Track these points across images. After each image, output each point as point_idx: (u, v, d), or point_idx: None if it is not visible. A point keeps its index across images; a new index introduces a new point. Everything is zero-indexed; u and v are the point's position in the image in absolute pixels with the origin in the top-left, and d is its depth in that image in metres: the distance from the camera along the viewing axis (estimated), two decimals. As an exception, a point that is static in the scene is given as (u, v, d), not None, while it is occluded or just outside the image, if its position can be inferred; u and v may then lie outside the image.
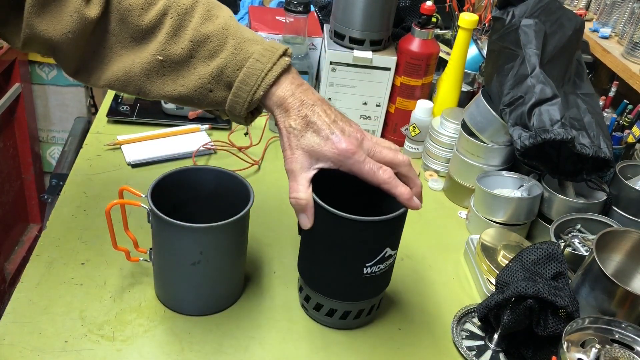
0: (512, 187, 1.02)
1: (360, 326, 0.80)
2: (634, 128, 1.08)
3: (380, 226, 0.70)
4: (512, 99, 0.93)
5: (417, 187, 0.71)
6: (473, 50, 1.25)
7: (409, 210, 0.71)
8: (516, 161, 1.04)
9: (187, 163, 1.08)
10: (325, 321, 0.79)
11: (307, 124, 0.68)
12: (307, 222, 0.70)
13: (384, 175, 0.68)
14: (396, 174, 0.69)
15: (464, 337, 0.81)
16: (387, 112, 1.21)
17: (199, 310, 0.78)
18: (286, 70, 0.70)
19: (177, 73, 0.70)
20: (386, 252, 0.72)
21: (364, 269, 0.72)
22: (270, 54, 0.69)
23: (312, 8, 1.30)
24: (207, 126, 1.16)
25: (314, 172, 0.69)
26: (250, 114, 0.74)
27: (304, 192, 0.69)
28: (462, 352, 0.78)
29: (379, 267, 0.73)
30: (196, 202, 0.79)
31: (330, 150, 0.67)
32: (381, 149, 0.69)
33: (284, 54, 0.70)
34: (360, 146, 0.68)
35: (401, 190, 0.69)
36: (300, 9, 1.09)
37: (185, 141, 1.12)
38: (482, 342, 0.80)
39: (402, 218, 0.72)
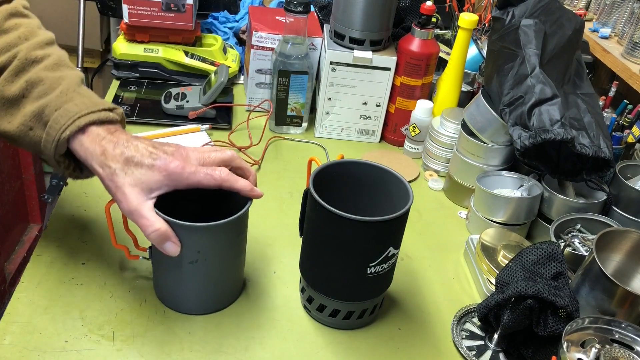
0: (512, 187, 1.02)
1: (363, 326, 0.80)
2: (634, 128, 1.08)
3: (384, 225, 0.70)
4: (512, 99, 0.93)
5: (252, 176, 0.74)
6: (473, 50, 1.25)
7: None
8: (516, 161, 1.04)
9: (187, 163, 1.07)
10: (329, 322, 0.79)
11: (126, 160, 0.66)
12: (176, 247, 0.69)
13: (221, 175, 0.68)
14: (230, 170, 0.70)
15: (464, 337, 0.81)
16: (387, 112, 1.21)
17: (197, 309, 0.78)
18: (106, 122, 0.69)
19: (7, 111, 0.70)
20: (389, 251, 0.72)
21: (368, 268, 0.72)
22: (91, 104, 0.68)
23: (312, 8, 1.30)
24: (207, 126, 1.16)
25: (153, 201, 0.68)
26: (73, 169, 0.73)
27: (158, 221, 0.67)
28: (462, 352, 0.78)
29: (382, 267, 0.73)
30: (197, 201, 0.79)
31: (160, 174, 0.66)
32: (209, 154, 0.70)
33: (110, 110, 0.69)
34: (187, 159, 0.68)
35: (242, 184, 0.70)
36: (300, 9, 1.09)
37: (186, 141, 1.12)
38: (482, 342, 0.80)
39: (405, 217, 0.72)
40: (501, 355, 0.78)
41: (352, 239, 0.70)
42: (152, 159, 0.67)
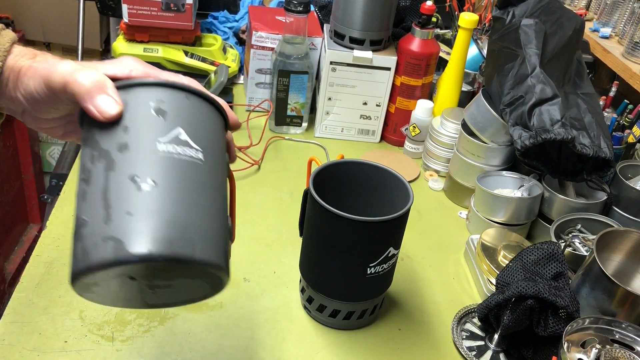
0: (512, 187, 1.02)
1: (363, 326, 0.80)
2: (634, 128, 1.08)
3: (384, 225, 0.70)
4: (512, 99, 0.93)
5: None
6: (473, 50, 1.25)
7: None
8: (516, 161, 1.04)
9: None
10: (329, 322, 0.79)
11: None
12: (116, 104, 0.45)
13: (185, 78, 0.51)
14: None
15: (464, 337, 0.81)
16: (387, 112, 1.21)
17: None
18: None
19: None
20: (389, 251, 0.72)
21: (368, 269, 0.72)
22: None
23: (312, 8, 1.30)
24: (207, 126, 1.16)
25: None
26: None
27: (95, 72, 0.47)
28: (462, 353, 0.78)
29: (382, 267, 0.73)
30: None
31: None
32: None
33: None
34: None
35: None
36: (300, 9, 1.09)
37: (185, 141, 1.12)
38: (482, 342, 0.80)
39: (405, 217, 0.72)
40: (501, 356, 0.78)
41: (352, 239, 0.70)
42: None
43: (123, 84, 0.46)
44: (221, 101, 0.51)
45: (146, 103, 0.45)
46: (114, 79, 0.48)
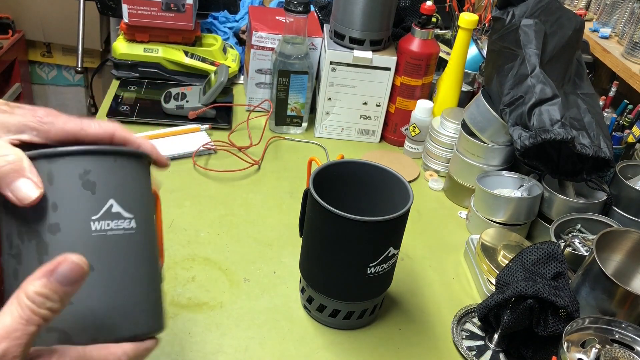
0: (512, 187, 1.02)
1: (363, 326, 0.80)
2: (634, 128, 1.08)
3: (384, 225, 0.70)
4: (512, 99, 0.93)
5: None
6: (473, 50, 1.25)
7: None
8: (516, 161, 1.04)
9: (188, 163, 1.08)
10: (329, 322, 0.79)
11: None
12: (36, 187, 0.42)
13: (111, 124, 0.49)
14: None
15: (464, 337, 0.81)
16: (387, 112, 1.21)
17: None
18: None
19: None
20: (389, 251, 0.72)
21: (368, 269, 0.72)
22: None
23: (312, 8, 1.30)
24: (207, 126, 1.16)
25: (9, 139, 0.45)
26: None
27: (9, 150, 0.43)
28: (462, 352, 0.78)
29: (382, 267, 0.73)
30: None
31: (24, 117, 0.46)
32: (88, 122, 0.49)
33: None
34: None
35: (139, 137, 0.51)
36: (300, 9, 1.09)
37: (186, 141, 1.12)
38: (482, 342, 0.80)
39: (405, 217, 0.72)
40: (501, 356, 0.78)
41: (352, 239, 0.70)
42: (17, 107, 0.48)
43: (46, 153, 0.43)
44: (143, 141, 0.49)
45: (73, 176, 0.43)
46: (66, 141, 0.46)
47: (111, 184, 0.44)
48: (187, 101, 1.17)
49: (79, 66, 1.80)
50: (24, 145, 0.45)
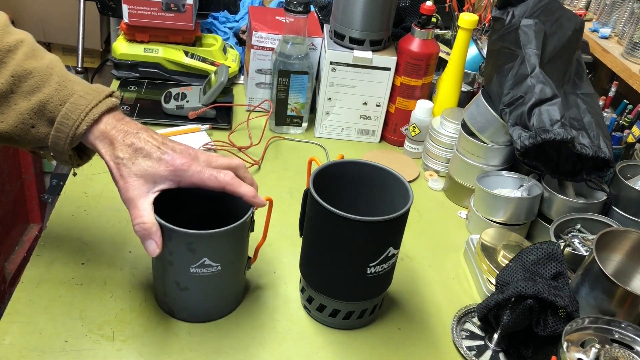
0: (512, 187, 1.02)
1: (363, 326, 0.80)
2: (634, 128, 1.08)
3: (384, 225, 0.70)
4: (512, 99, 0.93)
5: (255, 187, 0.73)
6: (473, 50, 1.25)
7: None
8: (516, 161, 1.04)
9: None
10: (329, 322, 0.79)
11: (135, 150, 0.67)
12: (156, 248, 0.67)
13: (226, 178, 0.68)
14: None
15: (464, 337, 0.81)
16: (387, 112, 1.21)
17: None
18: (112, 109, 0.69)
19: None
20: (389, 251, 0.72)
21: (368, 268, 0.72)
22: (96, 93, 0.68)
23: (312, 8, 1.30)
24: (207, 126, 1.16)
25: (154, 195, 0.67)
26: (77, 157, 0.72)
27: (148, 216, 0.66)
28: (462, 352, 0.78)
29: (382, 267, 0.73)
30: (199, 207, 0.78)
31: (166, 169, 0.67)
32: (217, 158, 0.71)
33: (111, 95, 0.69)
34: (196, 159, 0.69)
35: (245, 189, 0.70)
36: (300, 9, 1.09)
37: (186, 141, 1.10)
38: (482, 342, 0.80)
39: (405, 217, 0.72)
40: (501, 355, 0.78)
41: (352, 239, 0.70)
42: (161, 153, 0.67)
43: (168, 227, 0.67)
44: (249, 197, 0.71)
45: (182, 244, 0.69)
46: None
47: (206, 249, 0.69)
48: (187, 101, 1.17)
49: (79, 66, 1.80)
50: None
